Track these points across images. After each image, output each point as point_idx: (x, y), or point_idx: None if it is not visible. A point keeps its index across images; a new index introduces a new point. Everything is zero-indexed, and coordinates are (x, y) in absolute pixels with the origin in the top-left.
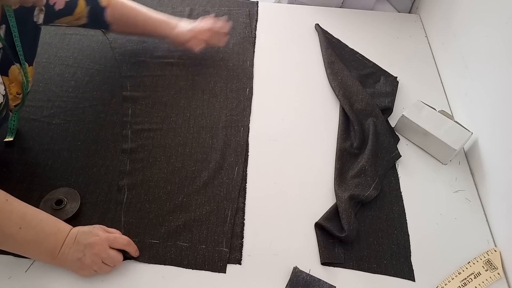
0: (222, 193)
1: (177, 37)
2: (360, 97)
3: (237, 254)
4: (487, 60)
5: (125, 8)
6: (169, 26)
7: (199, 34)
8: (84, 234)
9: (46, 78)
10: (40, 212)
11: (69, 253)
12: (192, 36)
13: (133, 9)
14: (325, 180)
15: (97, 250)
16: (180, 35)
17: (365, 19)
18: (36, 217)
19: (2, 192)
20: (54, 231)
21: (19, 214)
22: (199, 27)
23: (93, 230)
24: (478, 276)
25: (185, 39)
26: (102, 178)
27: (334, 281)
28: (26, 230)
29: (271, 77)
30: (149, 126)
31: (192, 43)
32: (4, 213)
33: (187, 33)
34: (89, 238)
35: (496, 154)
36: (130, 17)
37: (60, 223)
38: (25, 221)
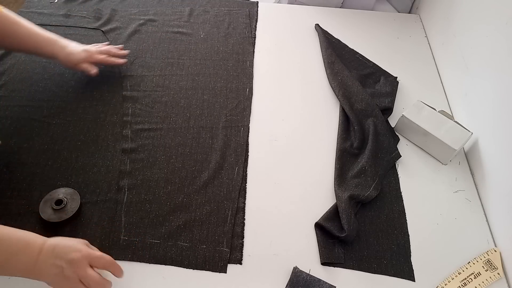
0: (223, 193)
1: (68, 56)
2: (360, 97)
3: (237, 254)
4: (487, 60)
5: (7, 19)
6: (57, 44)
7: (94, 55)
8: (64, 247)
9: (46, 78)
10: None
11: (47, 266)
12: (86, 57)
13: (16, 22)
14: (325, 180)
15: (75, 268)
16: (72, 55)
17: (365, 19)
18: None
19: None
20: (22, 248)
21: None
22: (94, 48)
23: (75, 244)
24: (478, 276)
25: (78, 60)
26: (102, 178)
27: (334, 281)
28: None
29: (271, 77)
30: (149, 126)
31: (85, 65)
32: None
33: (80, 53)
34: (69, 254)
35: (496, 154)
36: (11, 30)
37: (30, 237)
38: None
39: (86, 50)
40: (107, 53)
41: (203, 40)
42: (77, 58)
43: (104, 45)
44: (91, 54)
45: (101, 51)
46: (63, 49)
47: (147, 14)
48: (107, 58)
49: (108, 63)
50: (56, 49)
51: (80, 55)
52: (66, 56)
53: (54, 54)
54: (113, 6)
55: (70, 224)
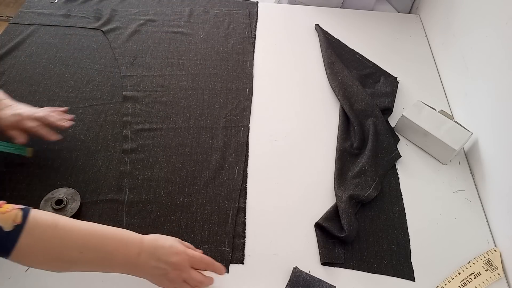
0: (223, 193)
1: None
2: (360, 97)
3: (239, 254)
4: (487, 60)
5: None
6: None
7: (24, 121)
8: (164, 249)
9: (46, 78)
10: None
11: (149, 267)
12: (15, 121)
13: None
14: (325, 180)
15: (179, 270)
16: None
17: (365, 19)
18: (96, 237)
19: (50, 218)
20: (121, 248)
21: (73, 238)
22: (27, 113)
23: (173, 245)
24: (478, 276)
25: (6, 125)
26: (102, 178)
27: (334, 281)
28: (87, 253)
29: (271, 77)
30: (149, 126)
31: (13, 132)
32: (57, 240)
33: (10, 117)
34: (171, 257)
35: (496, 154)
36: None
37: (127, 237)
38: (84, 244)
39: (16, 115)
40: (43, 120)
41: (203, 40)
42: (4, 124)
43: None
44: (21, 120)
45: (35, 118)
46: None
47: (147, 14)
48: (37, 127)
49: (39, 134)
50: None
51: (7, 120)
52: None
53: None
54: (113, 6)
55: None
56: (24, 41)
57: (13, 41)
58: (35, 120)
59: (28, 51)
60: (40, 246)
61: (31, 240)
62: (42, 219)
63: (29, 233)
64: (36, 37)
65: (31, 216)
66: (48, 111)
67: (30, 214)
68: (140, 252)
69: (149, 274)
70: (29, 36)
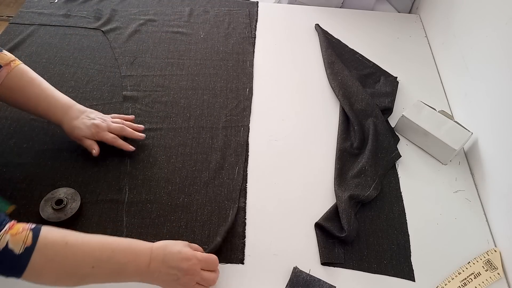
0: (223, 193)
1: (73, 130)
2: (360, 97)
3: (239, 254)
4: (487, 60)
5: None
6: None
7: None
8: (173, 255)
9: (46, 78)
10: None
11: (161, 274)
12: (93, 134)
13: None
14: (325, 180)
15: (191, 275)
16: (77, 129)
17: (365, 19)
18: (107, 250)
19: (60, 236)
20: (132, 259)
21: (84, 255)
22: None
23: (182, 251)
24: (478, 276)
25: (82, 135)
26: (102, 178)
27: (334, 281)
28: (99, 267)
29: (271, 77)
30: (149, 126)
31: (88, 142)
32: (68, 258)
33: (87, 129)
34: (182, 263)
35: (496, 154)
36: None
37: (137, 247)
38: (95, 259)
39: (95, 126)
40: (118, 133)
41: (203, 40)
42: (81, 134)
43: (120, 119)
44: (99, 131)
45: (111, 129)
46: (70, 120)
47: (147, 14)
48: (115, 139)
49: (116, 145)
50: (63, 118)
51: (85, 131)
52: (70, 129)
53: (60, 123)
54: (113, 6)
55: (72, 224)
56: (24, 41)
57: (13, 41)
58: (112, 132)
59: (28, 51)
60: (51, 266)
61: (43, 260)
62: (53, 238)
63: (40, 254)
64: (36, 37)
65: (41, 237)
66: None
67: (40, 235)
68: (150, 261)
69: (161, 281)
70: (29, 36)
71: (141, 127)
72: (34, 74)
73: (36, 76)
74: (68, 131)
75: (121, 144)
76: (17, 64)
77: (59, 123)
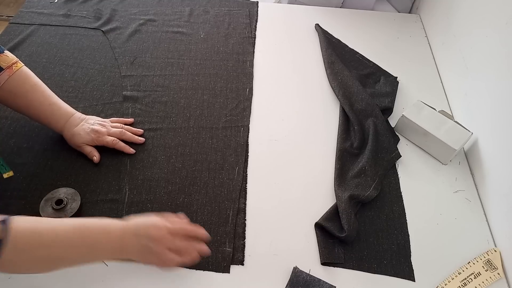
0: (223, 193)
1: (73, 137)
2: (360, 97)
3: (239, 255)
4: (487, 60)
5: (26, 80)
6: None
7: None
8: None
9: (46, 78)
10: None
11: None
12: (93, 139)
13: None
14: (325, 180)
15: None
16: (77, 136)
17: (365, 19)
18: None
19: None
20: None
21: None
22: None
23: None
24: (478, 276)
25: (82, 142)
26: (102, 178)
27: (334, 281)
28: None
29: (271, 77)
30: (149, 126)
31: (88, 149)
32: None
33: (87, 135)
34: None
35: (496, 154)
36: (26, 93)
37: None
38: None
39: (94, 131)
40: (118, 137)
41: (203, 40)
42: (81, 141)
43: (119, 123)
44: (99, 136)
45: (111, 134)
46: (71, 128)
47: (147, 14)
48: (115, 142)
49: (117, 148)
50: (64, 126)
51: (85, 137)
52: (71, 136)
53: (61, 130)
54: (113, 6)
55: None
56: (24, 41)
57: (13, 41)
58: (112, 135)
59: (28, 51)
60: (24, 255)
61: (15, 252)
62: (24, 228)
63: (12, 246)
64: (36, 37)
65: (12, 229)
66: (122, 130)
67: (11, 226)
68: (123, 235)
69: (136, 254)
70: (29, 36)
71: (140, 131)
72: (37, 80)
73: (39, 81)
74: (68, 138)
75: (122, 147)
76: (19, 67)
77: (60, 131)
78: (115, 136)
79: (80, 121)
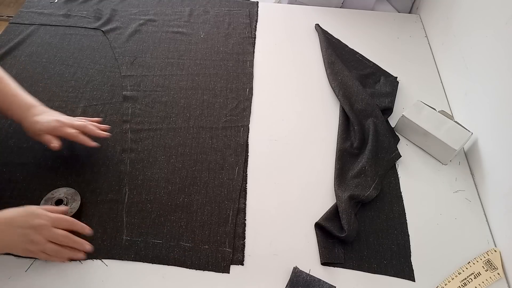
0: (223, 194)
1: (33, 125)
2: (360, 97)
3: (239, 255)
4: (487, 60)
5: None
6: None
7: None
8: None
9: (46, 78)
10: None
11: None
12: (54, 127)
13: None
14: (325, 180)
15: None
16: (37, 124)
17: (365, 19)
18: None
19: None
20: None
21: None
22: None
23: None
24: (478, 276)
25: (42, 130)
26: (102, 178)
27: (334, 281)
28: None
29: (271, 77)
30: (149, 126)
31: (47, 137)
32: None
33: (48, 123)
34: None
35: (496, 154)
36: None
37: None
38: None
39: (57, 121)
40: (81, 129)
41: (203, 40)
42: (40, 128)
43: (82, 120)
44: (61, 126)
45: (74, 126)
46: (32, 116)
47: (147, 14)
48: (77, 134)
49: (78, 140)
50: (25, 115)
51: (46, 125)
52: (31, 124)
53: (21, 120)
54: (113, 6)
55: None
56: (24, 41)
57: (13, 41)
58: (74, 128)
59: (28, 51)
60: None
61: None
62: None
63: None
64: (36, 37)
65: None
66: (86, 123)
67: None
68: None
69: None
70: (29, 36)
71: (106, 127)
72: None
73: (2, 73)
74: (28, 126)
75: (83, 139)
76: None
77: (19, 120)
78: (78, 129)
79: (43, 112)
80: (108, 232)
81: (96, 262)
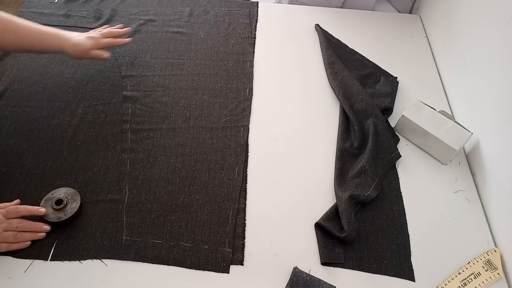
0: (223, 194)
1: (76, 47)
2: (360, 97)
3: (239, 255)
4: (488, 60)
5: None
6: (61, 37)
7: (100, 40)
8: None
9: (46, 78)
10: None
11: None
12: (93, 44)
13: (13, 20)
14: (325, 180)
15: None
16: (79, 45)
17: (365, 19)
18: None
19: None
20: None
21: None
22: (97, 34)
23: None
24: (478, 276)
25: (86, 48)
26: (102, 178)
27: (334, 281)
28: None
29: (271, 77)
30: (149, 126)
31: (95, 51)
32: None
33: (87, 41)
34: None
35: (496, 154)
36: (11, 29)
37: None
38: None
39: (91, 38)
40: (110, 35)
41: (203, 40)
42: (85, 48)
43: (104, 28)
44: (97, 40)
45: (104, 35)
46: (68, 41)
47: (147, 14)
48: (112, 40)
49: (114, 45)
50: (61, 43)
51: (86, 43)
52: (74, 47)
53: (61, 48)
54: (113, 6)
55: (71, 224)
56: None
57: None
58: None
59: None
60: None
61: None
62: None
63: None
64: None
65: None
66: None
67: None
68: None
69: None
70: None
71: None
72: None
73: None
74: (72, 51)
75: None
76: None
77: (59, 49)
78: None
79: (72, 35)
80: (108, 232)
81: (96, 262)
